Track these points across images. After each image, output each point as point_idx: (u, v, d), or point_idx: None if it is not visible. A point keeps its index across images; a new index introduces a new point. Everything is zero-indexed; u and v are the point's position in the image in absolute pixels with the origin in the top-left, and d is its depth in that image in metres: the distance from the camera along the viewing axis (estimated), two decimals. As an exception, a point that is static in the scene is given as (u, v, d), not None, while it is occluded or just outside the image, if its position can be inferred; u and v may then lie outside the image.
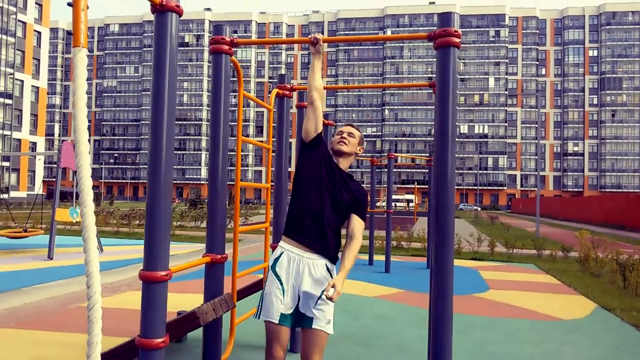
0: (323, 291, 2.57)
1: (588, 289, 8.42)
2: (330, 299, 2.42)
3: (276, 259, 2.68)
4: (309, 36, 2.86)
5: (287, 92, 4.24)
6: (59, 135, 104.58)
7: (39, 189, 21.93)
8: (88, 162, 1.29)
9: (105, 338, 4.62)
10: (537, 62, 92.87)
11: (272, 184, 4.03)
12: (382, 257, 10.74)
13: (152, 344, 2.12)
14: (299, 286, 2.61)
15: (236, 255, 3.17)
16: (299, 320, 2.63)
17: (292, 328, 2.68)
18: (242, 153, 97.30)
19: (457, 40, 2.65)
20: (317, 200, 2.69)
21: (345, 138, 2.84)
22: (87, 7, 1.33)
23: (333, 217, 2.70)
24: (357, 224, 2.74)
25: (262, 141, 4.21)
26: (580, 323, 6.12)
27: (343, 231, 2.73)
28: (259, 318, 2.63)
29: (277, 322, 2.58)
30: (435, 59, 2.92)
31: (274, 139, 4.18)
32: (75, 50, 1.32)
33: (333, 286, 2.43)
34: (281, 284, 2.61)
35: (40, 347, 4.59)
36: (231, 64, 3.05)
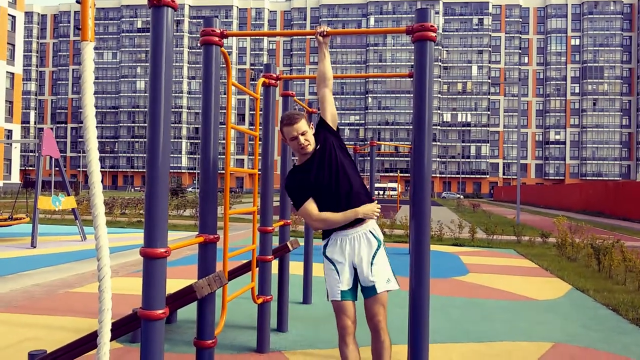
0: (374, 256, 2.87)
1: (564, 272, 8.73)
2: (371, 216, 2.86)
3: (325, 245, 2.97)
4: (317, 29, 3.01)
5: (273, 81, 4.37)
6: (35, 123, 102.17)
7: (17, 177, 21.70)
8: (96, 146, 1.43)
9: (95, 320, 4.74)
10: (520, 51, 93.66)
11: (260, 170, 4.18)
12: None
13: (153, 315, 2.30)
14: (352, 261, 2.89)
15: (227, 236, 3.32)
16: (363, 291, 2.90)
17: (364, 298, 2.94)
18: (223, 142, 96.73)
19: (433, 34, 2.81)
20: (328, 193, 2.91)
21: (302, 143, 2.93)
22: (94, 5, 1.45)
23: (349, 184, 2.91)
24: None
25: (250, 129, 4.36)
26: (554, 303, 6.40)
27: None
28: (327, 300, 2.95)
29: (339, 299, 2.85)
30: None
31: (261, 127, 4.31)
32: (83, 44, 1.45)
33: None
34: (334, 264, 2.90)
35: (30, 330, 4.70)
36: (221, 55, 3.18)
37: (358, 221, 2.90)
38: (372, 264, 2.86)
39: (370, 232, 2.93)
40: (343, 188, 2.89)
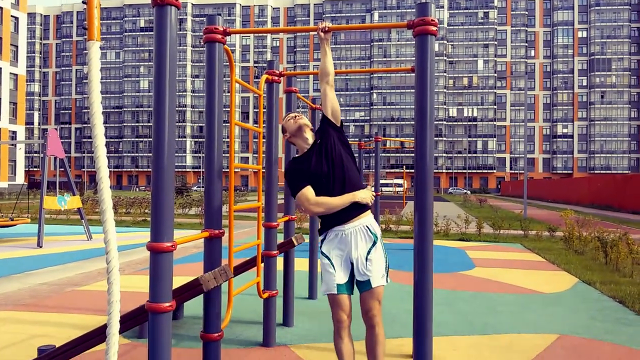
0: (369, 251, 2.90)
1: (571, 265, 8.72)
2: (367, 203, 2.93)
3: (322, 240, 3.01)
4: (319, 25, 3.04)
5: (276, 78, 4.40)
6: (39, 124, 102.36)
7: (21, 178, 21.81)
8: (104, 142, 1.47)
9: (102, 317, 4.81)
10: (526, 44, 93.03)
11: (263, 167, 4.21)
12: (372, 239, 10.97)
13: (160, 307, 2.35)
14: (349, 256, 2.93)
15: (232, 230, 3.36)
16: (359, 285, 2.95)
17: (352, 293, 2.99)
18: (227, 140, 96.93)
19: (434, 28, 2.83)
20: (325, 183, 2.96)
21: (297, 116, 3.13)
22: (100, 5, 1.49)
23: (346, 177, 2.96)
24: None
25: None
26: (561, 296, 6.40)
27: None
28: (323, 294, 2.99)
29: (336, 292, 2.90)
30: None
31: (265, 124, 4.34)
32: (89, 43, 1.48)
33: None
34: (330, 259, 2.94)
35: (38, 327, 4.76)
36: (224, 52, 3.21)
37: (354, 216, 2.93)
38: (367, 259, 2.90)
39: (367, 227, 2.96)
40: (339, 179, 2.95)
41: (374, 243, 2.94)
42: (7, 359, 3.90)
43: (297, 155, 3.14)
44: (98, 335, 2.72)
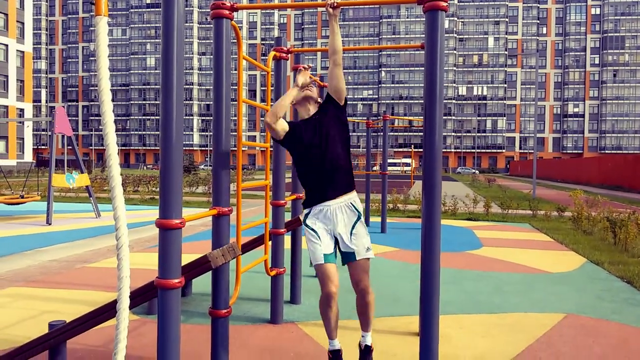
0: (354, 226, 3.04)
1: (579, 245, 8.70)
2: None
3: (307, 214, 3.13)
4: (328, 0, 2.99)
5: (284, 55, 4.35)
6: (46, 102, 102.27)
7: (30, 156, 21.93)
8: (112, 119, 1.46)
9: (111, 294, 4.86)
10: (538, 21, 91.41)
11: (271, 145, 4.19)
12: (379, 219, 11.00)
13: (169, 284, 2.38)
14: (333, 230, 3.06)
15: (239, 207, 3.36)
16: (345, 258, 3.07)
17: (342, 264, 3.11)
18: (235, 118, 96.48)
19: (444, 4, 2.78)
20: (316, 157, 3.07)
21: (310, 91, 3.23)
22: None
23: (337, 155, 3.07)
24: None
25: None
26: (568, 275, 6.40)
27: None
28: (311, 266, 3.10)
29: (323, 262, 3.00)
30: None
31: (273, 102, 4.31)
32: (97, 18, 1.46)
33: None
34: (314, 231, 3.05)
35: (49, 303, 4.83)
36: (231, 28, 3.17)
37: (339, 194, 3.06)
38: (352, 233, 3.04)
39: (351, 204, 3.10)
40: (330, 154, 3.05)
41: (358, 218, 3.09)
42: (19, 333, 3.97)
43: (300, 120, 3.29)
44: (108, 311, 2.75)
